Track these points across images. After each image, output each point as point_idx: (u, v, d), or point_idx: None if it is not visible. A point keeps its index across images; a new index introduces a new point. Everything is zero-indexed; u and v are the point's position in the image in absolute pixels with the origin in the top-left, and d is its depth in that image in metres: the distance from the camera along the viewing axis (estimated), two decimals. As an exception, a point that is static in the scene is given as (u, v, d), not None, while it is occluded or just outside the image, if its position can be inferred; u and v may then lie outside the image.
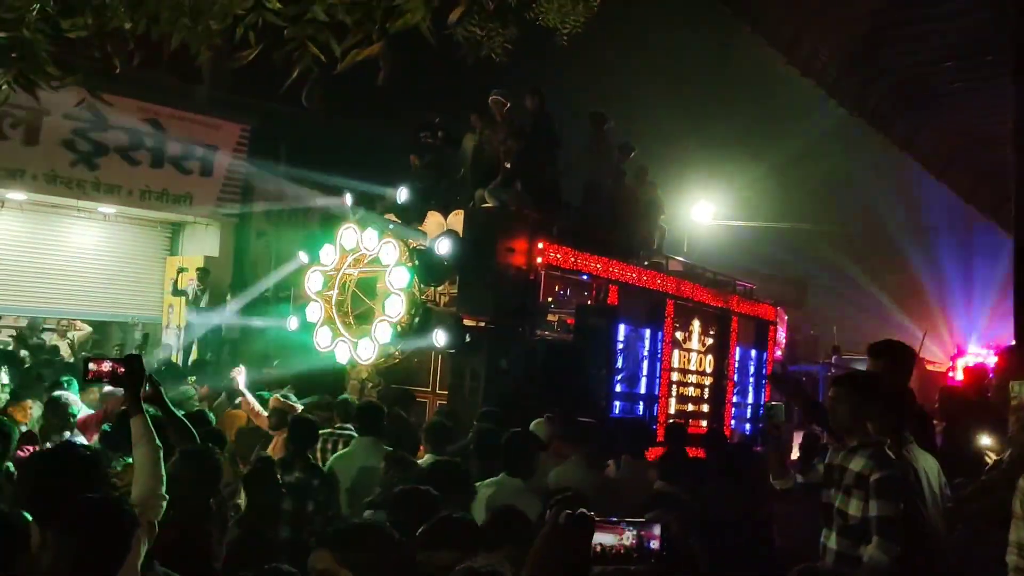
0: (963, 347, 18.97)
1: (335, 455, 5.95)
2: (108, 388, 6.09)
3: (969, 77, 7.06)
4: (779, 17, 5.41)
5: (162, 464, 3.12)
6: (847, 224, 20.73)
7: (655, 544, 1.83)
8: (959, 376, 15.19)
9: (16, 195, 13.06)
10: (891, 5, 5.76)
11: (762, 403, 11.40)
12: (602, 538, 1.81)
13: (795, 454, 7.05)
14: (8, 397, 7.20)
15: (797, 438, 7.80)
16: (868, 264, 21.56)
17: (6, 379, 8.63)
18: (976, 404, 6.24)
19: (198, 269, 13.45)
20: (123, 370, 3.21)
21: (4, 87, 2.84)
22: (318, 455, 6.00)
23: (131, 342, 14.48)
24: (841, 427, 3.99)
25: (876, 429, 3.96)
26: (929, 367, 18.67)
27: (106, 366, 3.24)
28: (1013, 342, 6.41)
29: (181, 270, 13.91)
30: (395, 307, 8.65)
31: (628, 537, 1.81)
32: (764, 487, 4.54)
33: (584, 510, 1.85)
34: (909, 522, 3.77)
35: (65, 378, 7.21)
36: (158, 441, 3.14)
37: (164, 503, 3.09)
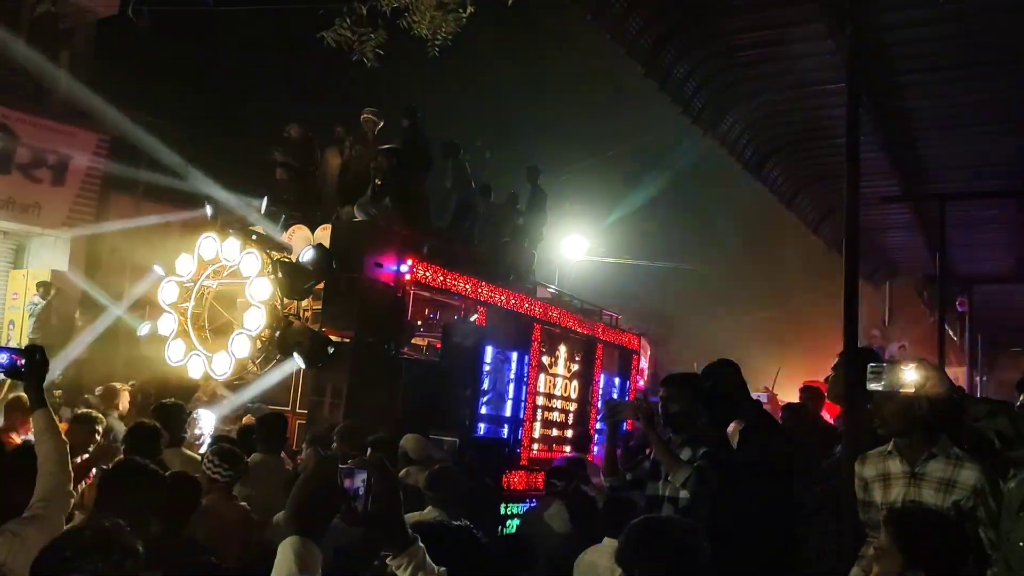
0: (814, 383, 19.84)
1: None
2: None
3: (815, 108, 7.53)
4: (623, 10, 5.53)
5: (69, 459, 2.99)
6: (713, 263, 21.40)
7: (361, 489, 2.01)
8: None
9: None
10: (743, 29, 6.08)
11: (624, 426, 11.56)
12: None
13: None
14: None
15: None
16: (732, 303, 22.32)
17: None
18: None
19: (39, 283, 12.56)
20: (23, 361, 3.01)
21: None
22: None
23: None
24: (673, 424, 4.15)
25: (706, 424, 4.13)
26: (782, 404, 19.47)
27: (3, 357, 3.02)
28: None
29: (40, 285, 12.90)
30: (255, 320, 8.33)
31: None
32: None
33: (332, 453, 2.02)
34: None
35: None
36: (64, 436, 3.04)
37: (72, 500, 2.99)
